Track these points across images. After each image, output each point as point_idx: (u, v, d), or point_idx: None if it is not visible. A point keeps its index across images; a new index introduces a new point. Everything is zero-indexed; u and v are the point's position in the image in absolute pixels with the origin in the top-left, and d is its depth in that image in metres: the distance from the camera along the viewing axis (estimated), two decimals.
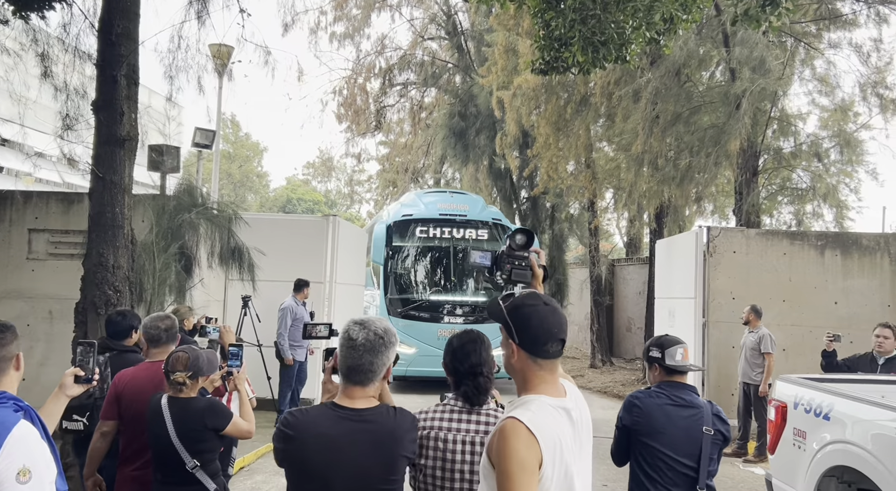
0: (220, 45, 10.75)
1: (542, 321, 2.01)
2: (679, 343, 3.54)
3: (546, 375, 2.03)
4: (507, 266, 2.54)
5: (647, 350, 3.63)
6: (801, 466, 4.77)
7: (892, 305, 9.72)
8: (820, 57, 12.89)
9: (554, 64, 7.74)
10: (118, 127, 5.98)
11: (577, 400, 2.10)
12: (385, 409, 2.38)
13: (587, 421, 2.10)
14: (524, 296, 2.10)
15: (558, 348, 2.03)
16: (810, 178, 14.47)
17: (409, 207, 14.18)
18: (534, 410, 1.94)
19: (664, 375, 3.55)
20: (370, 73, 24.06)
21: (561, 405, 2.00)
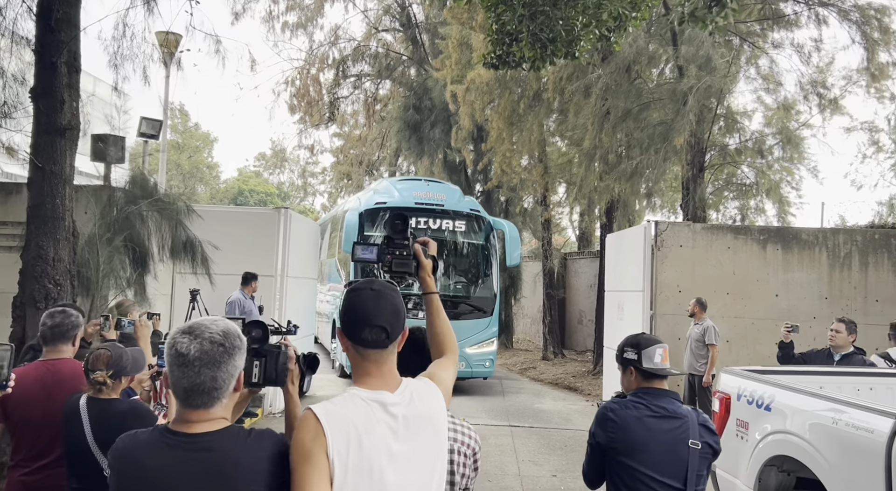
0: (167, 33, 10.48)
1: (359, 306, 1.91)
2: (657, 343, 3.07)
3: (370, 366, 1.92)
4: (388, 257, 2.26)
5: (622, 351, 3.12)
6: (744, 456, 4.82)
7: (829, 297, 10.11)
8: (764, 56, 13.29)
9: (505, 58, 7.80)
10: (58, 115, 5.78)
11: (412, 397, 1.93)
12: (235, 431, 1.86)
13: (425, 418, 1.92)
14: (360, 281, 1.99)
15: (378, 337, 1.89)
16: (754, 175, 14.93)
17: (382, 195, 13.17)
18: (336, 402, 1.85)
19: (641, 380, 3.05)
20: (323, 64, 23.81)
21: (376, 398, 1.87)
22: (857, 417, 3.79)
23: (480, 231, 13.00)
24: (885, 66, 11.89)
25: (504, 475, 7.57)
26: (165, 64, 10.65)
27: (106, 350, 3.32)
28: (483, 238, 13.00)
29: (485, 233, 13.01)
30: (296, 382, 2.22)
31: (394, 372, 1.95)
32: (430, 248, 2.35)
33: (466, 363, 12.10)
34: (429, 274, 2.31)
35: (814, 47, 12.80)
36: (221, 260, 9.31)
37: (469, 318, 12.48)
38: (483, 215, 13.20)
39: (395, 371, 1.95)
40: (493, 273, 12.99)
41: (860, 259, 10.23)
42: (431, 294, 2.29)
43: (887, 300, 10.01)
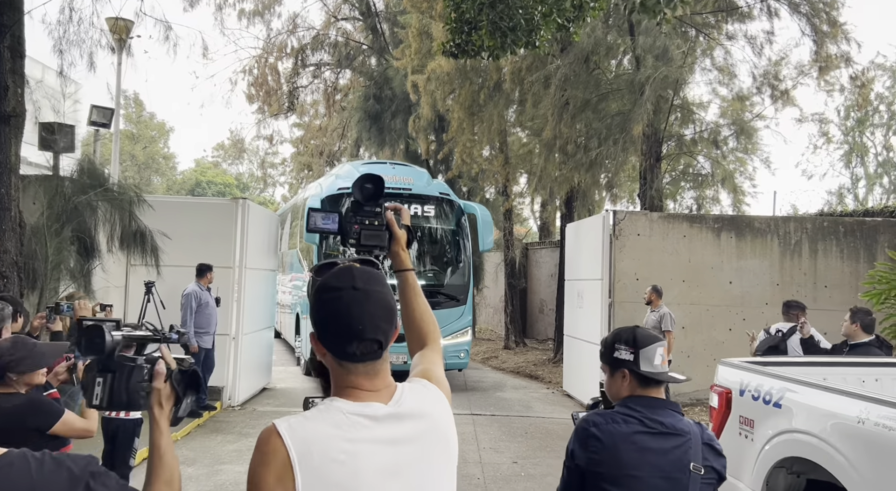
0: (117, 18, 10.19)
1: (342, 314, 1.49)
2: (657, 340, 2.45)
3: (359, 380, 1.53)
4: (356, 227, 1.90)
5: (611, 348, 2.46)
6: (748, 458, 4.37)
7: (781, 284, 10.38)
8: (719, 47, 13.53)
9: (465, 47, 7.79)
10: (2, 103, 5.59)
11: (411, 406, 1.56)
12: (10, 460, 1.33)
13: (430, 429, 1.57)
14: (336, 272, 1.55)
15: (371, 349, 1.51)
16: (710, 165, 15.22)
17: (345, 180, 12.24)
18: (309, 415, 1.49)
19: (636, 386, 2.42)
20: (282, 53, 23.46)
21: (362, 411, 1.49)
22: (887, 414, 3.37)
23: (451, 215, 12.40)
24: (833, 58, 12.21)
25: (465, 463, 7.62)
26: (115, 50, 10.37)
27: (6, 343, 3.20)
28: (454, 223, 12.40)
29: (455, 217, 12.41)
30: (166, 406, 1.72)
31: (388, 379, 1.57)
32: (404, 216, 2.00)
33: None
34: (403, 248, 1.97)
35: (766, 39, 13.09)
36: (177, 252, 9.15)
37: (442, 307, 11.80)
38: (453, 199, 12.58)
39: (389, 378, 1.58)
40: (466, 259, 12.42)
41: (810, 246, 10.53)
42: (407, 271, 1.94)
43: (835, 286, 10.32)
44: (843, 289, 10.29)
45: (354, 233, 1.92)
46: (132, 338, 1.80)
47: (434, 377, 1.73)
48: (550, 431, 9.29)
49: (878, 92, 32.61)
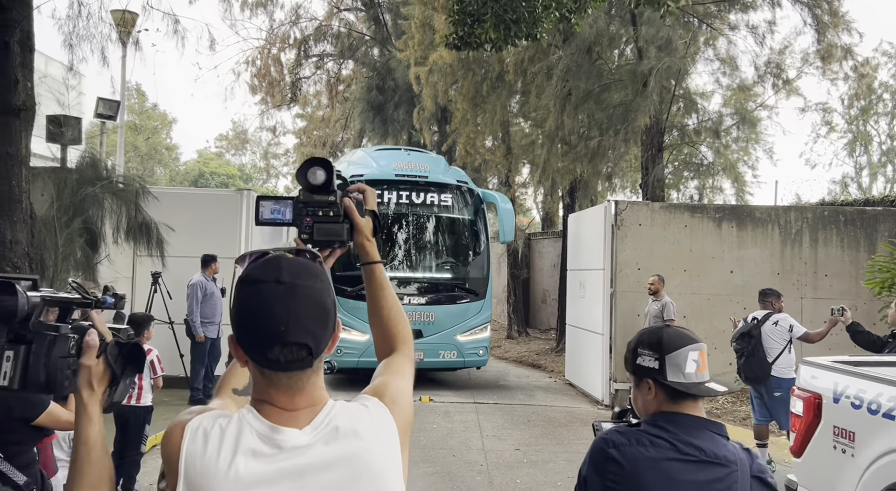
0: (123, 11, 10.26)
1: (261, 311, 1.26)
2: (691, 342, 1.98)
3: (278, 394, 1.30)
4: (308, 220, 1.62)
5: (634, 353, 2.04)
6: (848, 476, 3.78)
7: (781, 273, 10.45)
8: (721, 37, 13.54)
9: (467, 39, 7.85)
10: (13, 96, 5.69)
11: (332, 435, 1.30)
12: None
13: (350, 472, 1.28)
14: (261, 262, 1.32)
15: (297, 356, 1.27)
16: (712, 155, 15.26)
17: (358, 167, 11.64)
18: (219, 422, 1.29)
19: (664, 400, 1.96)
20: (285, 44, 23.47)
21: (269, 435, 1.27)
22: None
23: (469, 204, 11.70)
24: (835, 48, 12.23)
25: (469, 450, 7.74)
26: (123, 43, 10.44)
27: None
28: (472, 212, 11.70)
29: (474, 206, 11.70)
30: (98, 388, 1.39)
31: (314, 397, 1.32)
32: (368, 200, 1.72)
33: (458, 352, 10.97)
34: (368, 238, 1.69)
35: (768, 29, 13.10)
36: (182, 243, 9.26)
37: (459, 302, 11.22)
38: (472, 187, 11.85)
39: (316, 395, 1.33)
40: (484, 251, 11.74)
41: (810, 235, 10.60)
42: (373, 264, 1.67)
43: (835, 275, 10.39)
44: (844, 278, 10.37)
45: (306, 226, 1.63)
46: (54, 300, 1.46)
47: (388, 394, 1.42)
48: (553, 419, 9.41)
49: (883, 80, 32.47)
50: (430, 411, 9.51)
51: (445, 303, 11.07)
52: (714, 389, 1.95)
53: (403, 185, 11.37)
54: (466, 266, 11.84)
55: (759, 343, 6.98)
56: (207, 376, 9.48)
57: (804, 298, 10.30)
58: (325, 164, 1.66)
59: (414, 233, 11.57)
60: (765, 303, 7.35)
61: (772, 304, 7.28)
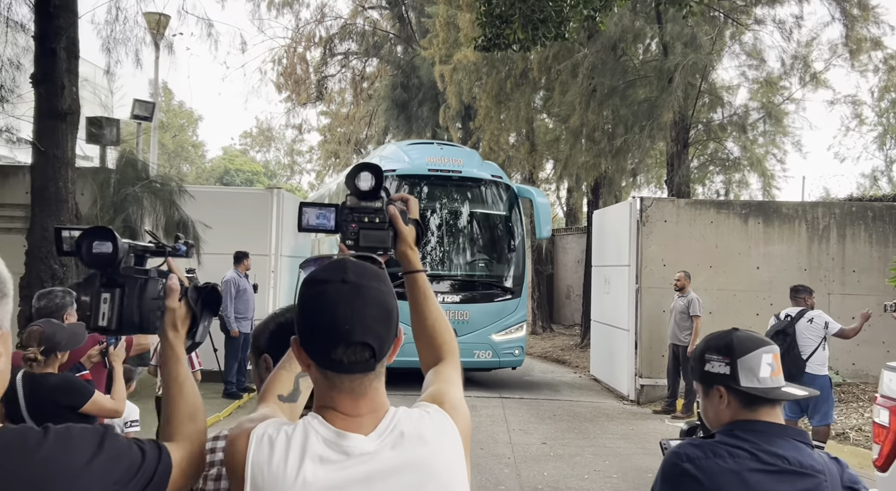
0: (159, 14, 10.54)
1: (326, 311, 1.27)
2: (764, 344, 1.86)
3: (342, 398, 1.30)
4: (353, 226, 1.62)
5: (701, 359, 1.90)
6: None
7: (808, 269, 10.44)
8: (747, 32, 13.48)
9: (496, 41, 7.97)
10: (59, 101, 5.93)
11: (398, 441, 1.29)
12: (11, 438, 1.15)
13: (418, 476, 1.28)
14: (326, 265, 1.35)
15: (359, 357, 1.27)
16: (739, 149, 15.20)
17: (390, 161, 11.22)
18: (285, 429, 1.29)
19: (739, 407, 1.83)
20: (310, 43, 23.76)
21: (335, 441, 1.27)
22: None
23: (504, 200, 11.32)
24: (864, 41, 12.12)
25: (496, 443, 7.88)
26: (156, 45, 10.73)
27: (39, 326, 3.42)
28: (507, 207, 11.32)
29: (509, 201, 11.32)
30: (182, 329, 1.50)
31: (377, 402, 1.32)
32: (411, 208, 1.69)
33: (493, 352, 10.68)
34: (411, 246, 1.66)
35: (795, 24, 13.02)
36: (215, 240, 9.49)
37: (494, 300, 10.91)
38: (507, 182, 11.50)
39: (379, 401, 1.33)
40: (520, 247, 11.36)
41: (838, 231, 10.56)
42: (416, 273, 1.66)
43: (863, 271, 10.35)
44: (872, 273, 10.32)
45: (352, 232, 1.62)
46: (133, 247, 1.51)
47: (448, 401, 1.42)
48: (578, 413, 9.52)
49: None
50: None
51: (480, 301, 10.76)
52: (792, 393, 1.82)
53: (437, 180, 11.05)
54: (501, 263, 11.46)
55: (794, 341, 6.94)
56: (240, 370, 9.72)
57: (831, 294, 10.28)
58: (375, 169, 1.64)
59: (447, 229, 11.19)
60: (797, 299, 7.32)
61: (804, 300, 7.26)
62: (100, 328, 1.43)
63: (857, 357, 9.62)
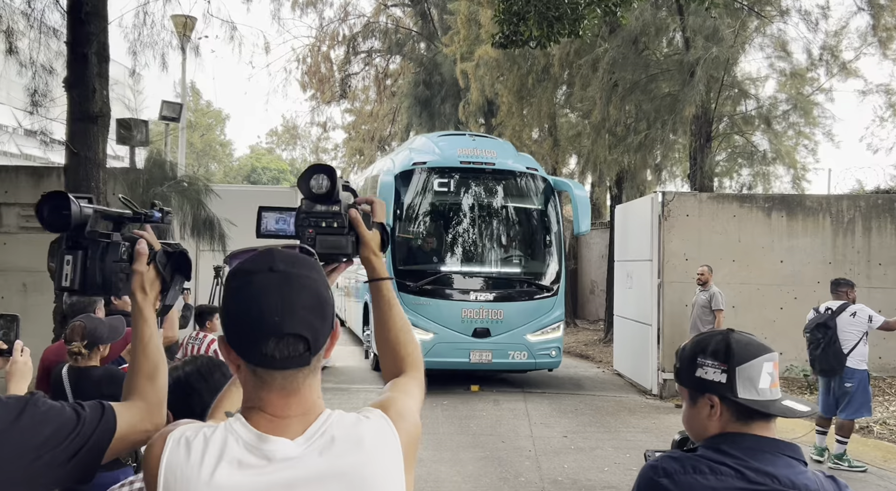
0: (185, 17, 10.79)
1: (252, 303, 1.17)
2: (764, 351, 1.63)
3: (270, 397, 1.20)
4: (310, 231, 1.54)
5: (691, 362, 1.66)
6: None
7: (833, 262, 10.35)
8: (770, 24, 13.35)
9: (513, 37, 8.05)
10: (91, 104, 6.15)
11: (326, 447, 1.19)
12: None
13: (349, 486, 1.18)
14: (253, 255, 1.26)
15: (294, 351, 1.18)
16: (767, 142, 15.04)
17: (420, 153, 10.88)
18: (204, 431, 1.20)
19: (730, 419, 1.62)
20: (334, 41, 24.00)
21: (257, 446, 1.17)
22: None
23: (540, 193, 10.79)
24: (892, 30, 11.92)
25: (517, 437, 7.98)
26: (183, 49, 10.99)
27: (81, 322, 3.55)
28: (543, 201, 10.79)
29: (545, 195, 10.79)
30: (150, 292, 1.51)
31: (309, 402, 1.22)
32: (377, 212, 1.61)
33: (529, 353, 10.19)
34: (375, 252, 1.58)
35: (821, 14, 12.86)
36: (241, 237, 9.69)
37: (530, 299, 10.44)
38: (543, 174, 10.97)
39: (311, 401, 1.23)
40: (557, 243, 10.82)
41: (863, 224, 10.45)
42: (380, 281, 1.57)
43: (890, 264, 10.24)
44: None
45: (308, 238, 1.54)
46: (107, 214, 1.55)
47: (394, 408, 1.32)
48: (600, 407, 9.57)
49: None
50: (479, 399, 9.78)
51: (515, 299, 10.30)
52: (795, 409, 1.59)
53: (469, 173, 10.54)
54: (537, 260, 10.97)
55: (836, 335, 6.89)
56: None
57: (857, 288, 10.13)
58: (328, 171, 1.55)
59: (480, 224, 10.68)
60: (838, 293, 7.25)
61: (846, 294, 7.19)
62: (63, 288, 1.48)
63: (883, 351, 9.52)
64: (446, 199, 10.65)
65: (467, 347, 9.88)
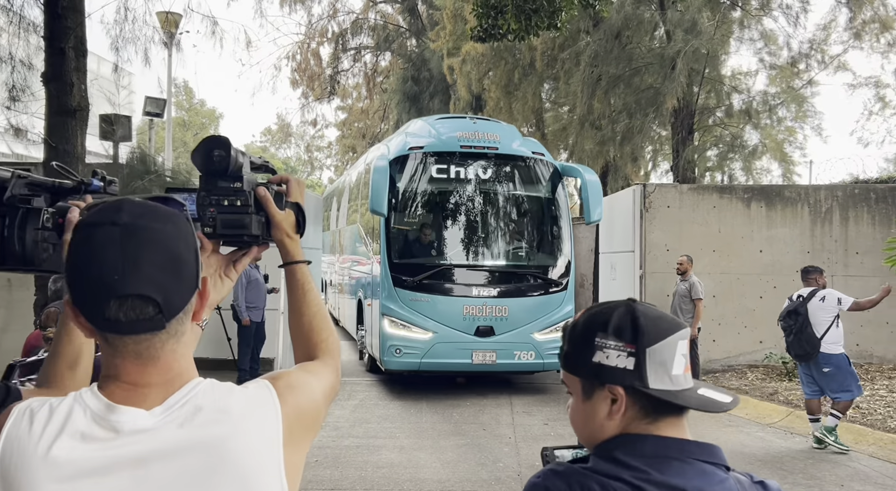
0: (167, 13, 10.86)
1: (91, 261, 1.05)
2: (676, 328, 1.21)
3: (124, 365, 1.08)
4: (211, 210, 1.38)
5: (585, 341, 1.22)
6: None
7: (811, 251, 10.48)
8: (752, 18, 13.48)
9: (491, 31, 8.15)
10: (69, 98, 6.22)
11: (187, 418, 1.06)
12: None
13: (213, 462, 1.04)
14: (101, 206, 1.10)
15: (142, 313, 1.04)
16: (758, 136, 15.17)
17: (416, 137, 10.03)
18: (51, 402, 1.08)
19: (637, 416, 1.21)
20: (323, 38, 24.06)
21: (106, 417, 1.05)
22: None
23: (547, 180, 9.95)
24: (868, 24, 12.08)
25: (498, 425, 8.09)
26: (165, 44, 11.06)
27: (55, 308, 3.67)
28: (551, 189, 9.97)
29: (552, 182, 9.96)
30: None
31: (174, 370, 1.10)
32: (292, 191, 1.48)
33: (536, 353, 9.34)
34: (289, 234, 1.45)
35: (801, 9, 12.98)
36: None
37: (537, 294, 9.62)
38: (550, 160, 10.08)
39: (177, 368, 1.10)
40: (567, 234, 10.03)
41: (840, 214, 10.59)
42: (294, 265, 1.45)
43: (867, 252, 10.37)
44: (875, 255, 10.32)
45: (209, 218, 1.38)
46: (37, 184, 1.40)
47: (285, 379, 1.19)
48: None
49: None
50: (464, 389, 9.88)
51: (521, 295, 9.45)
52: (718, 401, 1.21)
53: (470, 159, 9.69)
54: (545, 252, 10.11)
55: (807, 320, 7.02)
56: (254, 358, 10.04)
57: (835, 276, 10.31)
58: (224, 143, 1.38)
59: (483, 214, 9.83)
60: (808, 280, 7.40)
61: (815, 280, 7.35)
62: None
63: (860, 338, 9.67)
64: (446, 187, 9.75)
65: (469, 346, 9.13)
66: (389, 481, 5.89)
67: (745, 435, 7.77)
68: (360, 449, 6.88)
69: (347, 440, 7.19)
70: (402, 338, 8.99)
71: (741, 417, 8.53)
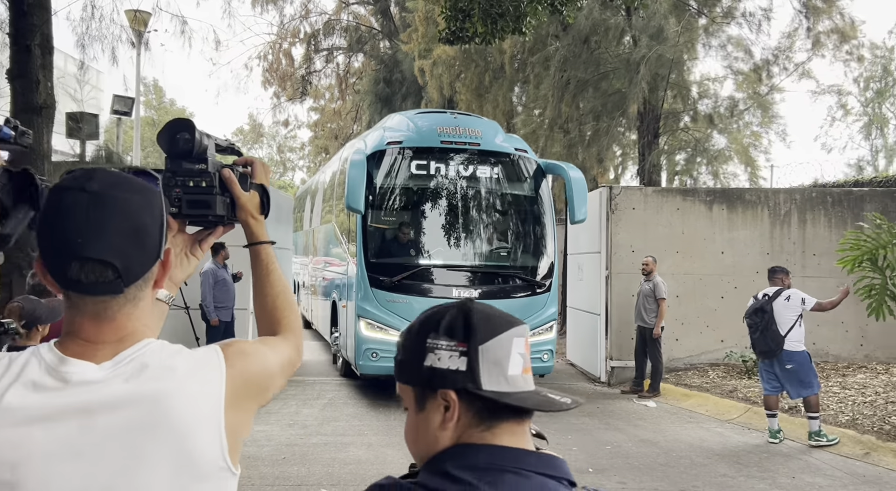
0: (136, 11, 10.81)
1: (58, 222, 1.12)
2: (513, 323, 1.13)
3: (83, 323, 1.16)
4: (177, 190, 1.42)
5: (417, 346, 1.11)
6: None
7: (771, 253, 10.77)
8: (716, 25, 13.81)
9: (459, 34, 8.27)
10: (34, 95, 6.21)
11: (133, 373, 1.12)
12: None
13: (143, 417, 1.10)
14: (77, 172, 1.18)
15: (101, 276, 1.12)
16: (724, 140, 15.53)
17: (395, 132, 9.69)
18: (10, 355, 1.16)
19: (471, 423, 1.08)
20: (295, 39, 24.01)
21: (57, 367, 1.11)
22: None
23: (531, 177, 9.67)
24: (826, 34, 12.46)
25: None
26: (134, 43, 11.01)
27: (18, 303, 3.63)
28: (534, 187, 9.67)
29: (536, 180, 9.67)
30: None
31: (127, 330, 1.17)
32: (257, 172, 1.54)
33: None
34: (254, 215, 1.51)
35: (763, 16, 13.34)
36: None
37: (519, 296, 9.26)
38: (533, 157, 9.81)
39: (131, 328, 1.17)
40: (550, 233, 9.66)
41: (799, 216, 10.91)
42: (259, 245, 1.50)
43: (823, 254, 10.69)
44: (831, 256, 10.61)
45: (175, 199, 1.42)
46: None
47: (238, 347, 1.24)
48: None
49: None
50: None
51: (503, 296, 9.06)
52: (557, 401, 1.13)
53: (450, 154, 9.35)
54: (528, 252, 9.75)
55: (773, 318, 7.27)
56: None
57: (793, 277, 10.59)
58: (189, 127, 1.44)
59: (464, 212, 9.45)
60: (774, 279, 7.65)
61: (781, 280, 7.60)
62: None
63: (817, 337, 9.96)
64: (425, 183, 9.37)
65: None
66: (357, 478, 5.97)
67: (704, 430, 7.99)
68: (328, 446, 6.95)
69: (315, 438, 7.25)
70: (380, 341, 8.77)
71: (702, 413, 8.77)
